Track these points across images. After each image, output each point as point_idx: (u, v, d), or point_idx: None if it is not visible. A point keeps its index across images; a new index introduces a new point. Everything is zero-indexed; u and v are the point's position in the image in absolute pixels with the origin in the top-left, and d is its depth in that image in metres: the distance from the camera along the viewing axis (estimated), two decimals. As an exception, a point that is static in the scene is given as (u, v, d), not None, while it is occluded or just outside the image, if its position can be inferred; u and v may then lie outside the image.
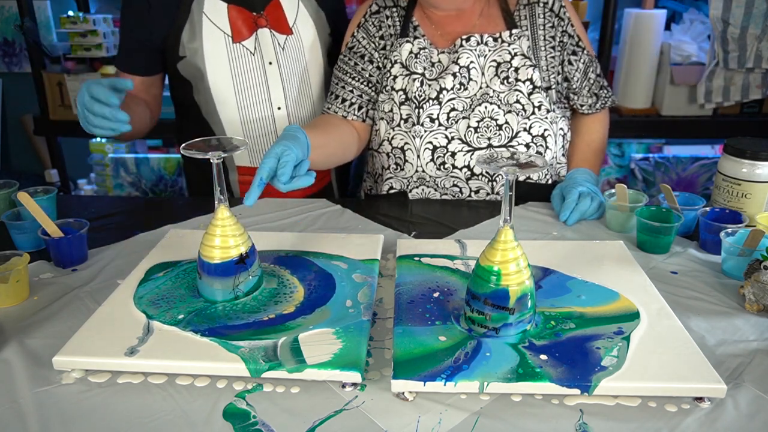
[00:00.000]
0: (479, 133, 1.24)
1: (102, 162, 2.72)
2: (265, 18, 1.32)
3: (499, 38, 1.26)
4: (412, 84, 1.27)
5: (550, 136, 1.27)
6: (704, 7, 2.34)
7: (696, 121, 2.32)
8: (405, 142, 1.28)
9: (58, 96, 2.48)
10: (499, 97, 1.25)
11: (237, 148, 0.86)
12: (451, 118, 1.25)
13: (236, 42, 1.30)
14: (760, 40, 2.13)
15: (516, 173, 0.75)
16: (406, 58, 1.28)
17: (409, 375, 0.72)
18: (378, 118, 1.33)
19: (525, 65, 1.25)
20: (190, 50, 1.30)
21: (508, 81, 1.25)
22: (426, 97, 1.25)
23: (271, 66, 1.33)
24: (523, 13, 1.28)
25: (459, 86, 1.25)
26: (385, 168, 1.34)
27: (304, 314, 0.85)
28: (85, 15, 2.48)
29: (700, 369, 0.73)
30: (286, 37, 1.35)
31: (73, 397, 0.73)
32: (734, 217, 1.10)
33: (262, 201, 1.34)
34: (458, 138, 1.25)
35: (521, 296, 0.78)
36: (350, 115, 1.34)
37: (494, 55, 1.25)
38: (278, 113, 1.36)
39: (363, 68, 1.33)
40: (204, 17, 1.29)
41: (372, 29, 1.32)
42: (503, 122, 1.24)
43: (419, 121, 1.26)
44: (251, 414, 0.70)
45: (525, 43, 1.26)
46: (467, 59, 1.25)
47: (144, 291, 0.91)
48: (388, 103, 1.30)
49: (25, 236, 1.08)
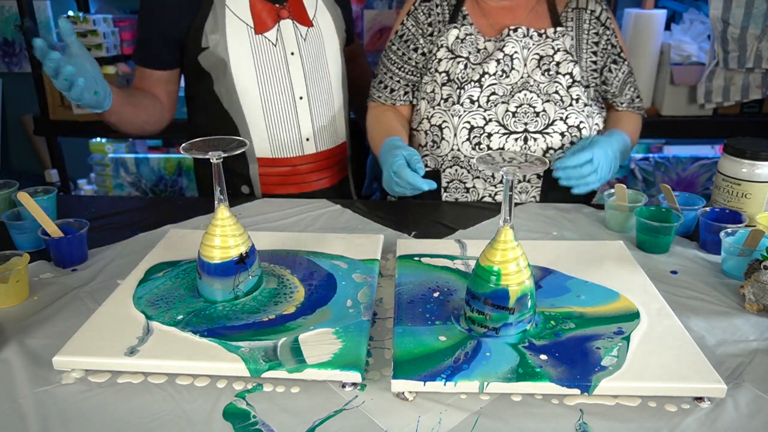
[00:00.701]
0: (516, 117, 1.28)
1: (102, 162, 2.72)
2: (288, 9, 1.35)
3: (544, 33, 1.31)
4: (455, 66, 1.31)
5: (585, 129, 1.30)
6: (704, 7, 2.34)
7: (696, 121, 2.32)
8: (443, 120, 1.31)
9: (58, 96, 2.48)
10: (539, 87, 1.29)
11: (237, 148, 0.86)
12: (490, 101, 1.29)
13: (258, 33, 1.32)
14: (760, 40, 2.13)
15: (516, 173, 0.75)
16: (452, 43, 1.32)
17: (409, 375, 0.72)
18: (420, 99, 1.37)
19: (566, 60, 1.29)
20: (213, 41, 1.31)
21: (549, 73, 1.29)
22: (468, 79, 1.29)
23: (293, 56, 1.35)
24: (570, 15, 1.33)
25: (501, 73, 1.29)
26: (422, 146, 1.38)
27: (304, 315, 0.85)
28: (85, 15, 2.48)
29: (700, 369, 0.73)
30: (307, 29, 1.37)
31: (73, 397, 0.73)
32: (734, 217, 1.10)
33: (262, 201, 1.34)
34: (496, 120, 1.28)
35: (521, 296, 0.78)
36: (397, 101, 1.41)
37: (538, 49, 1.30)
38: (300, 103, 1.38)
39: (410, 57, 1.38)
40: (227, 9, 1.31)
41: (421, 17, 1.37)
42: (541, 110, 1.28)
43: (459, 101, 1.29)
44: (251, 414, 0.70)
45: (568, 41, 1.31)
46: (512, 48, 1.29)
47: (143, 291, 0.91)
48: (430, 85, 1.34)
49: (25, 236, 1.08)
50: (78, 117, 2.49)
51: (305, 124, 1.39)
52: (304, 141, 1.40)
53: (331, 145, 1.46)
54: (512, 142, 1.28)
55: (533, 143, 1.28)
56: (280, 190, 1.42)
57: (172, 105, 1.45)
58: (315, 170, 1.45)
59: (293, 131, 1.39)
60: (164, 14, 1.31)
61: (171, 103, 1.45)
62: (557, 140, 1.28)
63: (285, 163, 1.41)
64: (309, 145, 1.41)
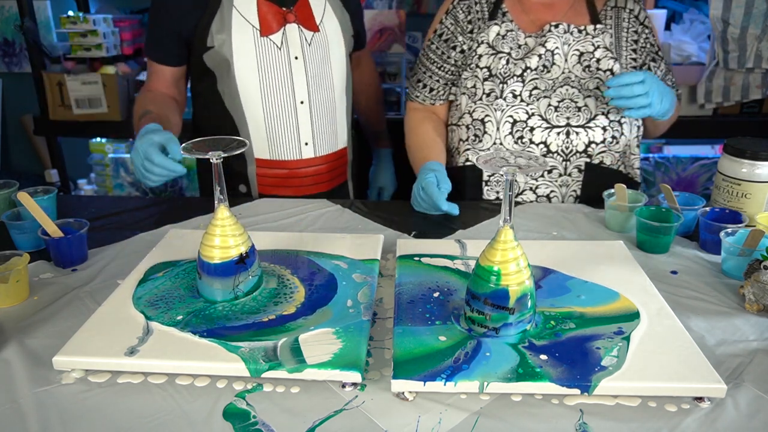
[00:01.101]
0: (559, 112, 1.29)
1: (102, 162, 2.72)
2: (294, 14, 1.34)
3: (584, 30, 1.32)
4: (497, 62, 1.32)
5: (626, 123, 1.31)
6: (704, 7, 2.34)
7: (696, 121, 2.32)
8: (486, 114, 1.32)
9: (58, 96, 2.48)
10: (580, 83, 1.30)
11: (237, 148, 0.86)
12: (533, 95, 1.30)
13: (264, 36, 1.32)
14: (760, 40, 2.13)
15: (516, 173, 0.75)
16: (493, 39, 1.34)
17: (409, 375, 0.72)
18: (460, 94, 1.38)
19: (606, 57, 1.30)
20: (219, 41, 1.32)
21: (590, 69, 1.30)
22: (510, 74, 1.30)
23: (297, 61, 1.35)
24: (609, 14, 1.35)
25: (542, 68, 1.30)
26: (462, 140, 1.38)
27: (305, 315, 0.85)
28: (85, 15, 2.48)
29: (700, 369, 0.73)
30: (313, 34, 1.37)
31: (73, 397, 0.73)
32: (734, 217, 1.10)
33: (262, 201, 1.34)
34: (538, 114, 1.29)
35: (521, 296, 0.78)
36: (437, 101, 1.43)
37: (578, 45, 1.31)
38: (300, 107, 1.38)
39: (449, 56, 1.39)
40: (234, 10, 1.31)
41: (461, 15, 1.38)
42: (582, 105, 1.29)
43: (502, 95, 1.30)
44: (251, 414, 0.70)
45: (608, 39, 1.32)
46: (553, 44, 1.30)
47: (143, 291, 0.91)
48: (471, 80, 1.35)
49: (25, 236, 1.08)
50: (78, 117, 2.50)
51: (305, 129, 1.39)
52: (302, 145, 1.40)
53: (331, 150, 1.45)
54: (554, 136, 1.29)
55: (575, 137, 1.29)
56: (277, 191, 1.42)
57: (183, 101, 1.47)
58: (312, 174, 1.44)
59: (292, 135, 1.39)
60: (174, 11, 1.32)
61: (183, 100, 1.47)
62: (599, 134, 1.29)
63: (282, 165, 1.41)
64: (307, 150, 1.41)
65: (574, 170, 1.32)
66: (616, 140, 1.30)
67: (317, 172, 1.45)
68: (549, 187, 1.33)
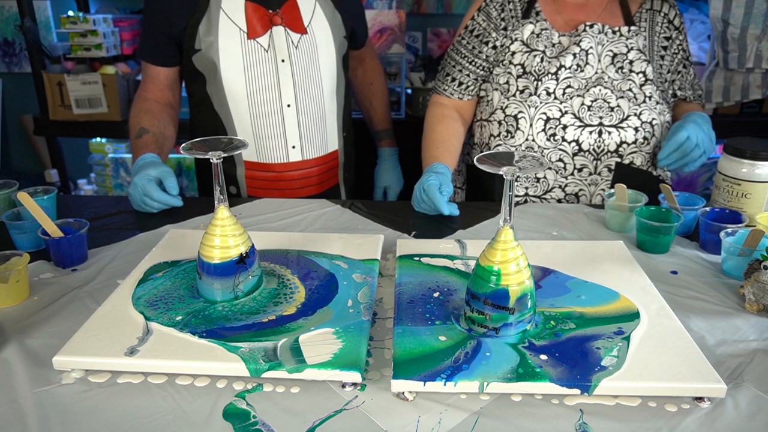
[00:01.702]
0: (592, 111, 1.30)
1: (102, 162, 2.72)
2: (281, 16, 1.34)
3: (618, 31, 1.33)
4: (532, 60, 1.33)
5: (658, 125, 1.32)
6: (704, 7, 2.34)
7: (696, 121, 2.32)
8: (519, 110, 1.32)
9: (58, 96, 2.48)
10: (613, 84, 1.31)
11: (237, 148, 0.86)
12: (566, 93, 1.31)
13: (251, 38, 1.32)
14: (760, 40, 2.13)
15: (516, 173, 0.75)
16: (527, 37, 1.34)
17: (409, 375, 0.72)
18: (492, 89, 1.38)
19: (640, 59, 1.32)
20: (206, 43, 1.32)
21: (623, 71, 1.32)
22: (545, 72, 1.31)
23: (284, 63, 1.35)
24: (644, 16, 1.36)
25: (576, 67, 1.31)
26: (494, 136, 1.38)
27: (305, 315, 0.84)
28: (85, 15, 2.48)
29: (700, 369, 0.73)
30: (300, 36, 1.36)
31: (73, 397, 0.73)
32: (734, 217, 1.10)
33: (262, 201, 1.34)
34: (571, 113, 1.30)
35: (521, 296, 0.78)
36: (465, 96, 1.43)
37: (611, 46, 1.32)
38: (287, 110, 1.37)
39: (480, 51, 1.39)
40: (221, 12, 1.31)
41: (493, 12, 1.38)
42: (615, 105, 1.30)
43: (536, 93, 1.31)
44: (251, 414, 0.70)
45: (641, 41, 1.33)
46: (588, 44, 1.31)
47: (142, 291, 0.91)
48: (503, 76, 1.36)
49: (25, 236, 1.08)
50: (78, 117, 2.50)
51: (292, 132, 1.39)
52: (289, 148, 1.40)
53: (320, 153, 1.45)
54: (587, 135, 1.29)
55: (607, 136, 1.29)
56: (266, 194, 1.42)
57: (178, 103, 1.48)
58: (300, 177, 1.44)
59: (279, 138, 1.39)
60: (164, 13, 1.32)
61: (178, 103, 1.47)
62: (631, 135, 1.30)
63: (270, 168, 1.41)
64: (295, 153, 1.40)
65: (604, 169, 1.33)
66: (648, 141, 1.31)
67: (305, 176, 1.44)
68: (578, 185, 1.33)
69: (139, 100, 1.42)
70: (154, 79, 1.42)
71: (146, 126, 1.36)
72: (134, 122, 1.39)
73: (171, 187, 1.23)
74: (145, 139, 1.35)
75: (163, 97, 1.43)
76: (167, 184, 1.23)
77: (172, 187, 1.23)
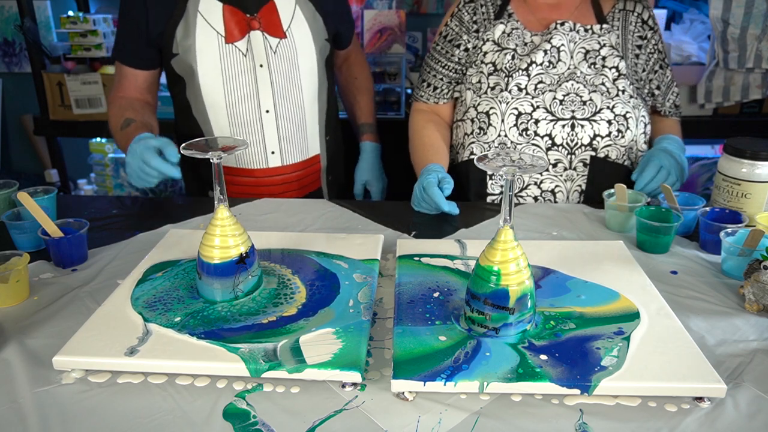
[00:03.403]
0: (564, 105, 1.29)
1: (102, 162, 2.72)
2: (258, 20, 1.32)
3: (590, 29, 1.33)
4: (502, 57, 1.33)
5: (632, 118, 1.31)
6: (704, 7, 2.34)
7: (696, 121, 2.32)
8: (491, 107, 1.32)
9: (58, 96, 2.48)
10: (585, 78, 1.31)
11: (238, 148, 0.86)
12: (538, 89, 1.31)
13: (228, 43, 1.30)
14: (760, 40, 2.13)
15: (515, 173, 0.75)
16: (498, 37, 1.35)
17: (409, 375, 0.72)
18: (465, 89, 1.39)
19: (612, 55, 1.32)
20: (183, 48, 1.30)
21: (595, 66, 1.31)
22: (516, 68, 1.31)
23: (262, 69, 1.33)
24: (617, 16, 1.36)
25: (548, 63, 1.31)
26: (467, 134, 1.38)
27: (306, 316, 0.84)
28: (85, 15, 2.48)
29: (700, 369, 0.73)
30: (278, 41, 1.34)
31: (73, 397, 0.73)
32: (734, 217, 1.10)
33: (262, 201, 1.34)
34: (543, 107, 1.30)
35: (521, 296, 0.78)
36: (441, 99, 1.44)
37: (584, 43, 1.32)
38: (266, 116, 1.36)
39: (453, 54, 1.40)
40: (199, 15, 1.29)
41: (466, 16, 1.39)
42: (587, 99, 1.30)
43: (507, 88, 1.31)
44: (251, 414, 0.70)
45: (614, 38, 1.33)
46: (559, 41, 1.31)
47: (140, 292, 0.90)
48: (476, 76, 1.36)
49: (25, 236, 1.08)
50: (78, 117, 2.50)
51: (271, 137, 1.38)
52: (269, 154, 1.39)
53: (300, 158, 1.43)
54: (559, 129, 1.29)
55: (580, 130, 1.29)
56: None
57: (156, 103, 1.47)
58: (280, 183, 1.43)
59: (258, 143, 1.38)
60: (141, 16, 1.30)
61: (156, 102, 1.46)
62: (604, 128, 1.29)
63: (249, 173, 1.40)
64: (274, 159, 1.40)
65: (579, 164, 1.32)
66: (622, 134, 1.30)
67: (285, 181, 1.44)
68: (554, 182, 1.33)
69: (115, 100, 1.39)
70: (131, 81, 1.39)
71: (131, 117, 1.32)
72: (116, 117, 1.35)
73: (171, 155, 1.17)
74: (133, 127, 1.30)
75: (141, 98, 1.40)
76: (167, 152, 1.17)
77: (172, 155, 1.17)
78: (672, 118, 1.44)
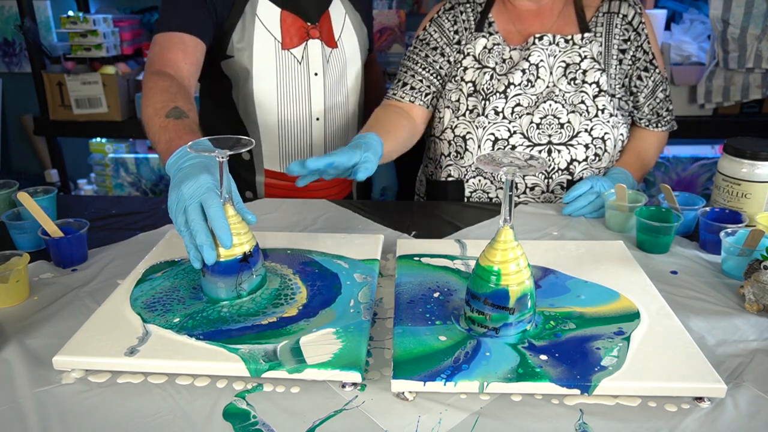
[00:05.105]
0: (541, 129, 1.28)
1: (102, 162, 2.72)
2: (318, 29, 1.32)
3: (570, 40, 1.29)
4: (482, 77, 1.30)
5: (610, 140, 1.30)
6: (704, 7, 2.34)
7: (696, 121, 2.33)
8: (468, 131, 1.31)
9: (58, 96, 2.48)
10: (564, 97, 1.29)
11: (243, 147, 0.85)
12: (515, 112, 1.29)
13: (285, 49, 1.30)
14: (760, 40, 2.13)
15: (515, 173, 0.75)
16: (479, 52, 1.32)
17: (409, 375, 0.72)
18: (443, 107, 1.36)
19: (593, 68, 1.29)
20: (238, 50, 1.28)
21: (575, 82, 1.29)
22: (494, 90, 1.29)
23: (317, 77, 1.33)
24: (600, 20, 1.31)
25: (526, 83, 1.29)
26: (444, 155, 1.37)
27: (307, 317, 0.84)
28: (85, 15, 2.48)
29: (700, 369, 0.73)
30: (331, 50, 1.35)
31: (73, 397, 0.73)
32: (734, 217, 1.10)
33: (262, 201, 1.34)
34: (520, 132, 1.29)
35: (521, 296, 0.78)
36: (417, 100, 1.35)
37: (564, 56, 1.29)
38: (316, 123, 1.36)
39: (434, 60, 1.36)
40: (256, 19, 1.28)
41: (446, 24, 1.36)
42: (565, 121, 1.28)
43: (484, 113, 1.29)
44: (251, 414, 0.70)
45: (596, 48, 1.30)
46: (537, 57, 1.28)
47: (140, 293, 0.90)
48: (455, 93, 1.33)
49: (25, 236, 1.08)
50: (78, 117, 2.50)
51: (318, 145, 1.38)
52: None
53: None
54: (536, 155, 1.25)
55: (557, 155, 1.28)
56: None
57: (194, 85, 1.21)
58: (321, 188, 1.44)
59: (305, 150, 1.38)
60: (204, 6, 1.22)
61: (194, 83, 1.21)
62: (581, 152, 1.28)
63: (292, 178, 1.40)
64: None
65: (557, 187, 1.32)
66: (599, 158, 1.30)
67: (325, 186, 1.44)
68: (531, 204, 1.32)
69: (160, 77, 1.11)
70: (184, 50, 1.16)
71: (183, 108, 1.03)
72: (160, 98, 1.05)
73: (240, 208, 0.89)
74: (187, 123, 1.00)
75: (187, 76, 1.16)
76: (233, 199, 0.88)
77: (242, 209, 0.89)
78: (653, 131, 1.37)
